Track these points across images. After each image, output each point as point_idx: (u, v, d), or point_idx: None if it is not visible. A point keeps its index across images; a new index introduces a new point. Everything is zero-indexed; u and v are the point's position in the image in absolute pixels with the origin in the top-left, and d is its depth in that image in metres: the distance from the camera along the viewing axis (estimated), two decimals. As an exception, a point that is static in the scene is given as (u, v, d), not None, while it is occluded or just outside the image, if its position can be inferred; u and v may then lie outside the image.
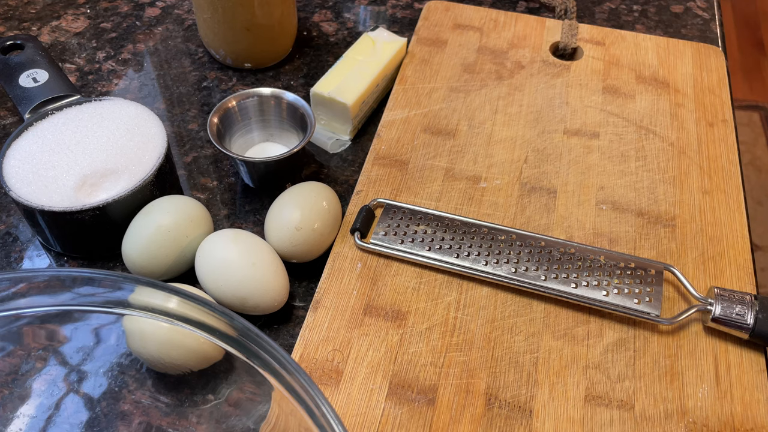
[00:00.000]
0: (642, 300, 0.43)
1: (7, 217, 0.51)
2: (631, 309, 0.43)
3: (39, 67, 0.54)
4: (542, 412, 0.40)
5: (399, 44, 0.58)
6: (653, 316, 0.42)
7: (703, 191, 0.51)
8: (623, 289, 0.44)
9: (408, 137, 0.54)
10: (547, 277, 0.44)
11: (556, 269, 0.45)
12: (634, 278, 0.44)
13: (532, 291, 0.44)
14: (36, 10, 0.67)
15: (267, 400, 0.35)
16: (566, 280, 0.44)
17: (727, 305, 0.42)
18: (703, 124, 0.56)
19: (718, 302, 0.42)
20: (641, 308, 0.43)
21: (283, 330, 0.45)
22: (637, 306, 0.43)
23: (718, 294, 0.43)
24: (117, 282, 0.34)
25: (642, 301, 0.43)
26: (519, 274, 0.45)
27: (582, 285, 0.44)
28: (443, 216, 0.48)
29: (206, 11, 0.57)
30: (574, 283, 0.44)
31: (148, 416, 0.39)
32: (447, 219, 0.48)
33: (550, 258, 0.45)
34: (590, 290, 0.44)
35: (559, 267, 0.45)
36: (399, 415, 0.40)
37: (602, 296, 0.43)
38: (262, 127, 0.53)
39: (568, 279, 0.44)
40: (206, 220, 0.46)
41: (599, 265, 0.45)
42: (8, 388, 0.38)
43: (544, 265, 0.45)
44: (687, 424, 0.39)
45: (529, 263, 0.45)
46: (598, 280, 0.44)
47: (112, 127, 0.48)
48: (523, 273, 0.45)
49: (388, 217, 0.48)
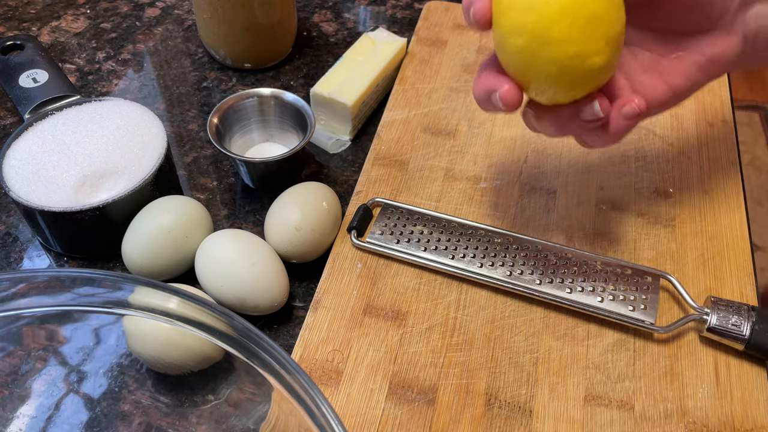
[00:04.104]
0: (637, 307, 0.43)
1: (7, 217, 0.51)
2: (626, 316, 0.42)
3: (39, 68, 0.54)
4: (542, 412, 0.40)
5: (399, 44, 0.58)
6: (647, 323, 0.42)
7: (703, 191, 0.51)
8: (618, 295, 0.43)
9: (408, 137, 0.54)
10: (542, 281, 0.44)
11: (551, 273, 0.45)
12: (630, 285, 0.44)
13: (526, 295, 0.44)
14: (36, 10, 0.67)
15: (267, 400, 0.35)
16: (561, 285, 0.44)
17: (723, 315, 0.41)
18: (703, 124, 0.56)
19: (714, 312, 0.41)
20: (636, 315, 0.42)
21: (283, 330, 0.45)
22: (631, 313, 0.42)
23: (715, 303, 0.42)
24: (117, 282, 0.34)
25: (637, 309, 0.43)
26: (514, 278, 0.44)
27: (577, 290, 0.44)
28: (440, 217, 0.48)
29: (206, 11, 0.57)
30: (569, 288, 0.44)
31: (148, 416, 0.39)
32: (444, 220, 0.48)
33: (546, 262, 0.45)
34: (585, 296, 0.43)
35: (555, 271, 0.45)
36: (399, 415, 0.40)
37: (597, 302, 0.43)
38: (262, 127, 0.53)
39: (563, 284, 0.44)
40: (206, 220, 0.46)
41: (595, 270, 0.45)
42: (8, 388, 0.38)
43: (539, 269, 0.45)
44: (687, 424, 0.39)
45: (525, 267, 0.45)
46: (593, 286, 0.44)
47: (112, 127, 0.48)
48: (518, 276, 0.44)
49: (386, 216, 0.48)
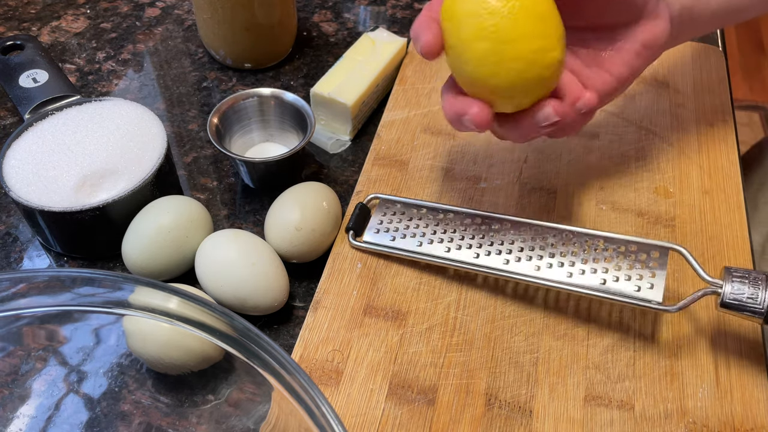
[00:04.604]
0: (643, 287, 0.40)
1: (7, 217, 0.51)
2: (631, 296, 0.40)
3: (39, 68, 0.54)
4: (542, 412, 0.40)
5: (399, 44, 0.58)
6: (655, 303, 0.40)
7: (703, 191, 0.51)
8: (622, 276, 0.41)
9: (408, 137, 0.54)
10: (540, 267, 0.43)
11: (550, 257, 0.43)
12: (635, 262, 0.42)
13: (525, 282, 0.43)
14: (36, 10, 0.67)
15: (267, 400, 0.35)
16: (561, 269, 0.42)
17: (738, 288, 0.38)
18: (703, 124, 0.56)
19: (728, 283, 0.39)
20: (642, 295, 0.40)
21: (283, 330, 0.45)
22: (637, 293, 0.40)
23: (728, 274, 0.39)
24: (117, 282, 0.34)
25: (643, 288, 0.40)
26: (512, 266, 0.43)
27: (578, 273, 0.42)
28: (437, 207, 0.47)
29: (206, 11, 0.57)
30: (569, 272, 0.42)
31: (148, 416, 0.39)
32: (441, 210, 0.47)
33: (544, 245, 0.44)
34: (586, 278, 0.41)
35: (554, 254, 0.43)
36: (399, 415, 0.40)
37: (599, 284, 0.41)
38: (262, 127, 0.53)
39: (563, 268, 0.42)
40: (206, 220, 0.46)
41: (596, 249, 0.43)
42: (8, 388, 0.38)
43: (538, 254, 0.43)
44: (687, 424, 0.39)
45: (523, 253, 0.44)
46: (595, 268, 0.42)
47: (112, 127, 0.48)
48: (516, 264, 0.43)
49: (381, 213, 0.48)
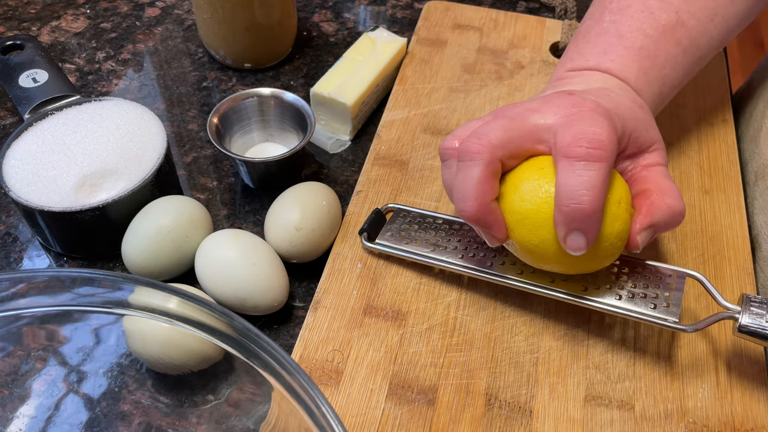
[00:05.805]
0: (659, 305, 0.40)
1: (7, 217, 0.51)
2: (648, 315, 0.40)
3: (39, 67, 0.54)
4: (542, 412, 0.40)
5: (399, 44, 0.58)
6: (671, 322, 0.39)
7: (703, 191, 0.51)
8: (638, 293, 0.41)
9: (408, 137, 0.54)
10: (555, 278, 0.42)
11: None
12: (651, 282, 0.41)
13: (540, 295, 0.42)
14: (36, 10, 0.67)
15: (267, 400, 0.35)
16: (576, 284, 0.41)
17: (755, 314, 0.38)
18: (703, 124, 0.56)
19: (746, 313, 0.38)
20: (658, 314, 0.39)
21: (283, 330, 0.45)
22: (653, 312, 0.40)
23: (748, 302, 0.39)
24: (117, 282, 0.34)
25: (659, 307, 0.40)
26: (526, 276, 0.42)
27: (594, 289, 0.41)
28: (453, 220, 0.46)
29: (206, 11, 0.57)
30: (584, 286, 0.41)
31: (148, 416, 0.39)
32: (456, 223, 0.46)
33: None
34: (602, 293, 0.41)
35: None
36: (399, 415, 0.40)
37: (614, 299, 0.40)
38: (262, 127, 0.53)
39: (578, 283, 0.42)
40: (206, 221, 0.46)
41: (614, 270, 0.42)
42: (8, 388, 0.38)
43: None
44: (687, 424, 0.39)
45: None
46: (610, 284, 0.41)
47: (112, 127, 0.48)
48: (531, 275, 0.42)
49: (397, 221, 0.47)
